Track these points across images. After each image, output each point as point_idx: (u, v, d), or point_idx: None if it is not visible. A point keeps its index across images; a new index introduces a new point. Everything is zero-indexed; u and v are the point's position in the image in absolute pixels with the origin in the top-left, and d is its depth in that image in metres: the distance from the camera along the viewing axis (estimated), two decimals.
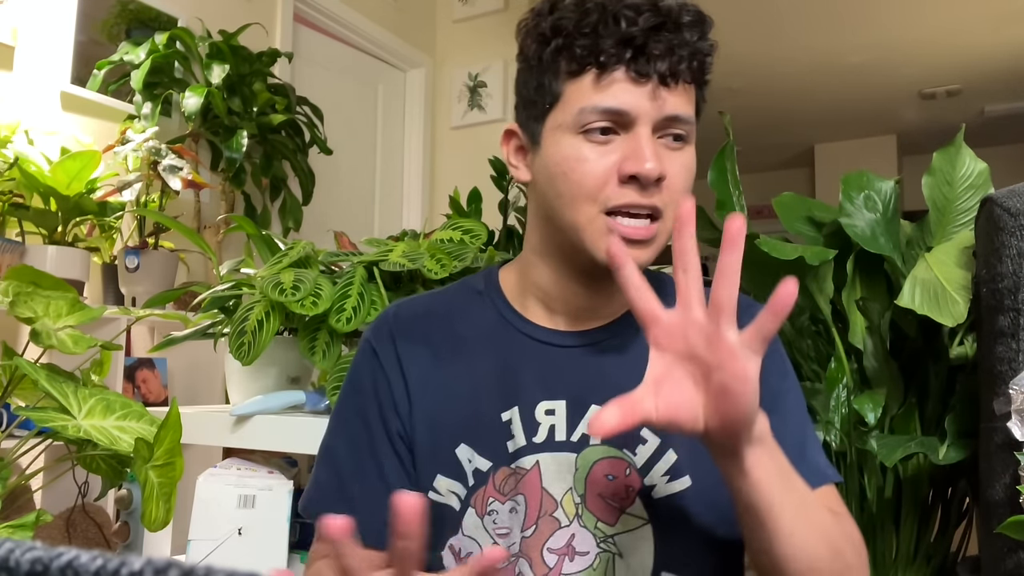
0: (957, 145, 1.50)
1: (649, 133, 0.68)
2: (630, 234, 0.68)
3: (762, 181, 7.00)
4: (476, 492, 0.75)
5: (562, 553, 0.74)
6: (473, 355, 0.78)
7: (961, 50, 4.92)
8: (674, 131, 0.70)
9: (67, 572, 0.23)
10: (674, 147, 0.70)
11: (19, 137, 1.92)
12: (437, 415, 0.77)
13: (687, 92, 0.70)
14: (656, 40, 0.67)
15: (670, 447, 0.73)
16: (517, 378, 0.75)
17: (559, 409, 0.74)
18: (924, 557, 1.46)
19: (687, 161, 0.71)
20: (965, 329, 1.37)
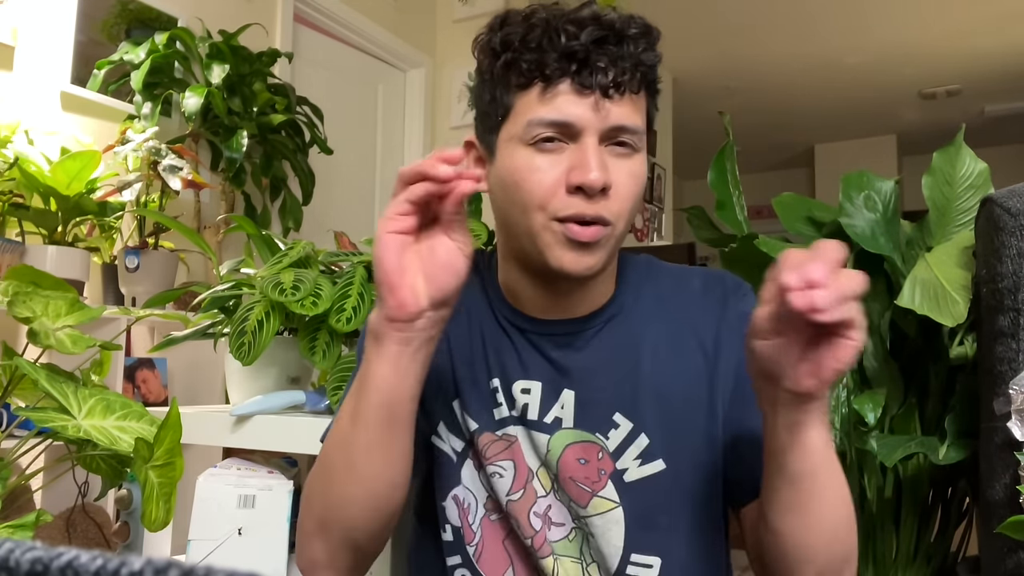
0: (957, 145, 1.50)
1: (596, 143, 0.70)
2: (579, 236, 0.70)
3: (762, 181, 6.99)
4: (471, 447, 0.80)
5: (545, 520, 0.78)
6: (470, 323, 0.83)
7: (961, 50, 4.92)
8: (620, 140, 0.72)
9: (67, 572, 0.23)
10: (621, 155, 0.72)
11: (19, 137, 1.92)
12: (442, 368, 0.81)
13: (634, 102, 0.72)
14: (599, 53, 0.69)
15: (643, 431, 0.76)
16: (500, 354, 0.80)
17: (535, 389, 0.78)
18: (924, 557, 1.46)
19: (635, 169, 0.72)
20: (965, 329, 1.37)
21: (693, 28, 4.62)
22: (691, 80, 5.41)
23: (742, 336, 0.72)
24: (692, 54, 5.03)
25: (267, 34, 2.78)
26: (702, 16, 4.47)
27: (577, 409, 0.77)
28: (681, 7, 4.30)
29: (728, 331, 0.77)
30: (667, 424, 0.76)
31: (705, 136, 4.76)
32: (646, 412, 0.76)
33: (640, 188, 0.73)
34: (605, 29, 0.70)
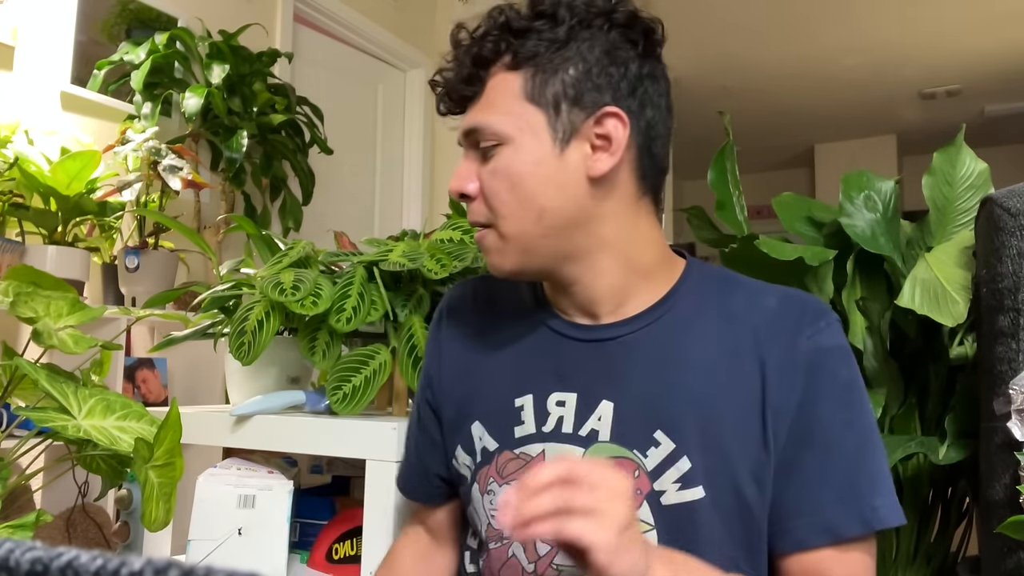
0: (957, 145, 1.50)
1: (468, 153, 0.75)
2: (476, 241, 0.76)
3: (762, 181, 6.99)
4: (481, 470, 0.79)
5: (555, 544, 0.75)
6: (504, 337, 0.82)
7: (961, 50, 4.92)
8: (480, 143, 0.74)
9: (67, 572, 0.23)
10: (487, 156, 0.73)
11: (19, 137, 1.92)
12: (463, 390, 0.82)
13: (482, 98, 0.74)
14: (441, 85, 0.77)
15: (684, 454, 0.71)
16: (536, 366, 0.78)
17: (570, 401, 0.76)
18: (924, 557, 1.46)
19: (498, 166, 0.72)
20: (965, 329, 1.37)
21: (693, 28, 4.62)
22: (691, 80, 5.40)
23: (810, 371, 0.70)
24: (692, 54, 5.03)
25: (267, 34, 2.78)
26: (702, 16, 4.47)
27: (616, 422, 0.73)
28: (681, 7, 4.30)
29: (792, 364, 0.71)
30: (712, 449, 0.70)
31: (705, 136, 4.75)
32: (690, 433, 0.71)
33: (513, 179, 0.71)
34: (456, 52, 0.76)
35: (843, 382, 0.72)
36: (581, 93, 0.71)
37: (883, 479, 0.71)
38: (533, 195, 0.71)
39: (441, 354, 0.87)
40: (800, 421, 0.70)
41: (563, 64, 0.71)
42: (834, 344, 0.72)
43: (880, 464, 0.71)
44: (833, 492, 0.68)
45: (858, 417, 0.72)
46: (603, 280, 0.75)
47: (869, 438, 0.71)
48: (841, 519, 0.68)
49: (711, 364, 0.73)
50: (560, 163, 0.71)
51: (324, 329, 1.10)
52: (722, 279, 0.79)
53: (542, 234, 0.72)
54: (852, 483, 0.69)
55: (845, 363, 0.73)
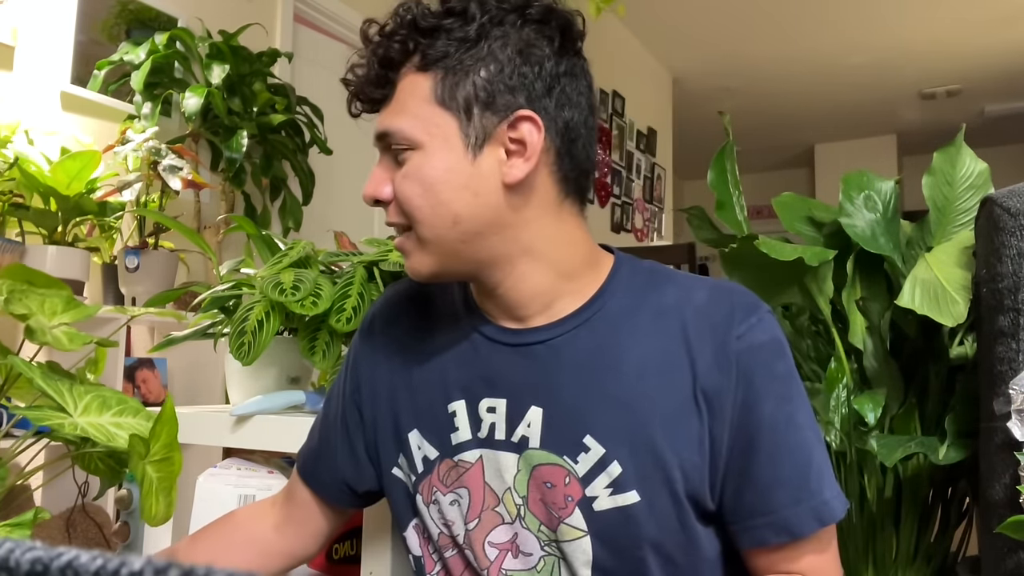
0: (957, 145, 1.50)
1: (381, 157, 0.73)
2: (396, 246, 0.75)
3: (762, 181, 7.00)
4: (423, 480, 0.78)
5: (504, 548, 0.75)
6: (436, 342, 0.80)
7: (961, 50, 4.92)
8: (393, 148, 0.71)
9: (67, 572, 0.23)
10: (399, 161, 0.71)
11: (19, 137, 1.92)
12: (398, 398, 0.80)
13: (393, 101, 0.72)
14: (353, 82, 0.74)
15: (615, 459, 0.69)
16: (466, 371, 0.77)
17: (500, 407, 0.74)
18: (924, 557, 1.46)
19: (408, 170, 0.70)
20: (965, 329, 1.37)
21: (693, 28, 4.62)
22: (691, 80, 5.41)
23: (746, 371, 0.69)
24: (692, 54, 5.03)
25: (267, 34, 2.78)
26: (702, 16, 4.48)
27: (544, 428, 0.72)
28: (681, 7, 4.30)
29: (726, 362, 0.69)
30: (643, 453, 0.69)
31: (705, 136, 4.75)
32: (620, 437, 0.69)
33: (424, 184, 0.69)
34: (360, 56, 0.73)
35: (780, 376, 0.71)
36: (493, 96, 0.68)
37: (827, 471, 0.71)
38: (446, 201, 0.68)
39: (375, 360, 0.83)
40: (744, 424, 0.69)
41: (474, 65, 0.68)
42: (767, 338, 0.71)
43: (823, 456, 0.72)
44: (786, 492, 0.69)
45: (798, 411, 0.71)
46: (526, 284, 0.73)
47: (811, 430, 0.72)
48: (796, 518, 0.68)
49: (640, 365, 0.71)
50: (473, 170, 0.68)
51: (324, 329, 1.10)
52: (652, 274, 0.77)
53: (459, 239, 0.70)
54: (803, 481, 0.69)
55: (780, 356, 0.72)
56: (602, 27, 4.38)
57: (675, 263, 3.02)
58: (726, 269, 1.53)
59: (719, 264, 1.58)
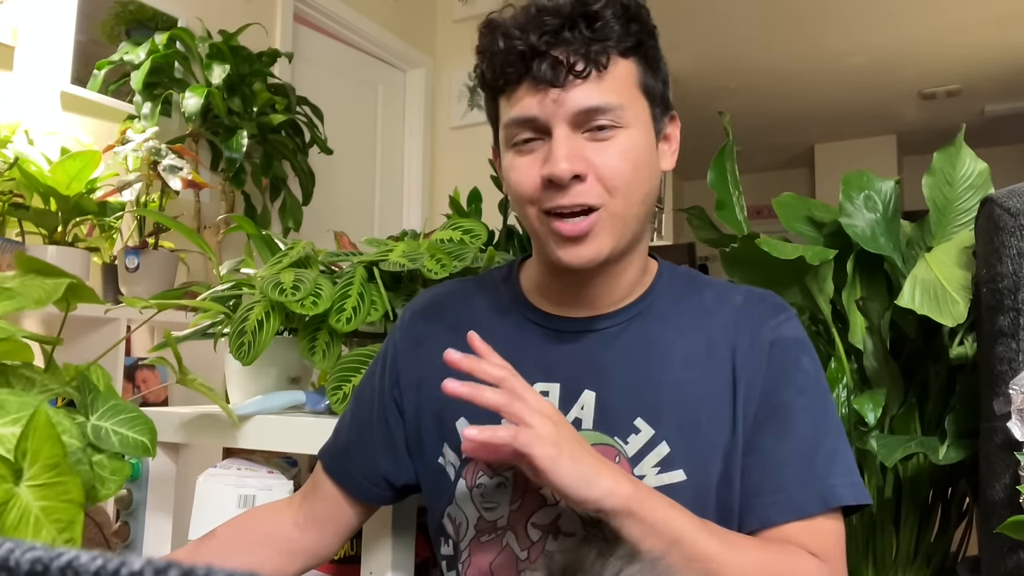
0: (957, 145, 1.50)
1: (568, 133, 0.70)
2: (566, 231, 0.71)
3: (762, 181, 7.00)
4: (468, 464, 0.80)
5: (547, 530, 0.76)
6: (485, 334, 0.81)
7: (961, 50, 4.92)
8: (596, 123, 0.71)
9: (67, 572, 0.23)
10: (602, 138, 0.71)
11: (19, 137, 1.92)
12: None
13: (604, 79, 0.70)
14: (548, 45, 0.70)
15: (663, 439, 0.74)
16: (518, 359, 0.77)
17: (553, 392, 0.78)
18: (924, 557, 1.46)
19: (623, 147, 0.71)
20: (965, 329, 1.37)
21: (693, 28, 4.62)
22: (691, 80, 5.41)
23: (773, 359, 0.75)
24: (692, 54, 5.03)
25: (267, 34, 2.78)
26: (702, 16, 4.47)
27: (597, 411, 0.76)
28: (681, 7, 4.30)
29: (758, 352, 0.75)
30: (690, 435, 0.74)
31: (705, 136, 4.75)
32: (669, 420, 0.74)
33: (634, 163, 0.72)
34: (546, 25, 0.70)
35: (804, 369, 0.76)
36: (667, 92, 0.76)
37: (841, 459, 0.74)
38: (645, 180, 0.73)
39: (418, 354, 0.85)
40: (764, 405, 0.74)
41: (659, 59, 0.75)
42: (795, 335, 0.78)
43: (838, 445, 0.74)
44: (792, 472, 0.71)
45: (816, 402, 0.75)
46: (627, 273, 0.79)
47: (827, 421, 0.75)
48: (801, 497, 0.71)
49: (688, 355, 0.76)
50: (656, 155, 0.75)
51: (324, 329, 1.10)
52: (691, 279, 0.84)
53: (639, 217, 0.74)
54: (810, 464, 0.72)
55: (806, 353, 0.77)
56: None
57: (675, 263, 3.02)
58: (726, 269, 1.53)
59: (719, 264, 1.58)
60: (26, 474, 0.55)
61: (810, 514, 0.70)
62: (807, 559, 0.69)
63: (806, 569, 0.68)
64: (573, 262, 0.73)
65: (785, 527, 0.71)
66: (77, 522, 0.55)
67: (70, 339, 1.86)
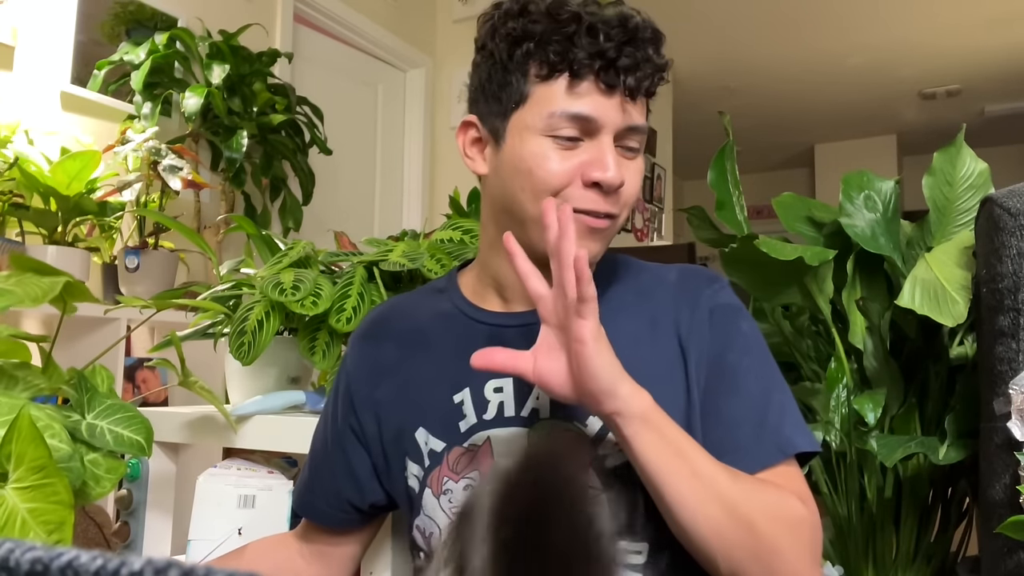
0: (957, 145, 1.50)
1: (611, 142, 0.73)
2: (594, 224, 0.75)
3: (762, 181, 7.00)
4: (431, 473, 0.80)
5: None
6: (431, 345, 0.84)
7: (961, 50, 4.92)
8: (631, 142, 0.75)
9: (67, 572, 0.23)
10: (629, 156, 0.76)
11: (19, 137, 1.92)
12: (400, 403, 0.83)
13: (643, 105, 0.76)
14: (626, 55, 0.72)
15: None
16: (468, 361, 0.78)
17: (507, 387, 0.78)
18: (924, 557, 1.46)
19: (640, 168, 0.77)
20: (965, 329, 1.37)
21: (693, 28, 4.62)
22: (691, 80, 5.41)
23: (715, 325, 0.78)
24: (692, 54, 5.03)
25: (267, 34, 2.78)
26: (702, 16, 4.47)
27: (553, 400, 0.75)
28: (681, 7, 4.30)
29: (700, 320, 0.78)
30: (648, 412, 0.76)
31: (705, 136, 4.75)
32: None
33: (639, 186, 0.77)
34: (630, 32, 0.72)
35: (744, 332, 0.79)
36: None
37: (789, 412, 0.77)
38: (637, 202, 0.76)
39: (368, 377, 0.86)
40: (713, 369, 0.77)
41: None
42: (730, 302, 0.82)
43: (784, 399, 0.78)
44: (748, 428, 0.74)
45: (760, 362, 0.79)
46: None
47: (772, 377, 0.78)
48: (761, 450, 0.73)
49: (634, 335, 0.77)
50: None
51: (324, 329, 1.10)
52: (626, 264, 0.86)
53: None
54: (763, 418, 0.75)
55: (744, 317, 0.81)
56: None
57: (675, 263, 3.02)
58: (726, 269, 1.53)
59: (719, 264, 1.58)
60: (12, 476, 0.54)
61: (771, 464, 0.73)
62: (790, 494, 0.71)
63: (791, 503, 0.70)
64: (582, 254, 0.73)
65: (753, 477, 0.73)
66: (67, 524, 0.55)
67: (70, 339, 1.86)
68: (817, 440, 0.78)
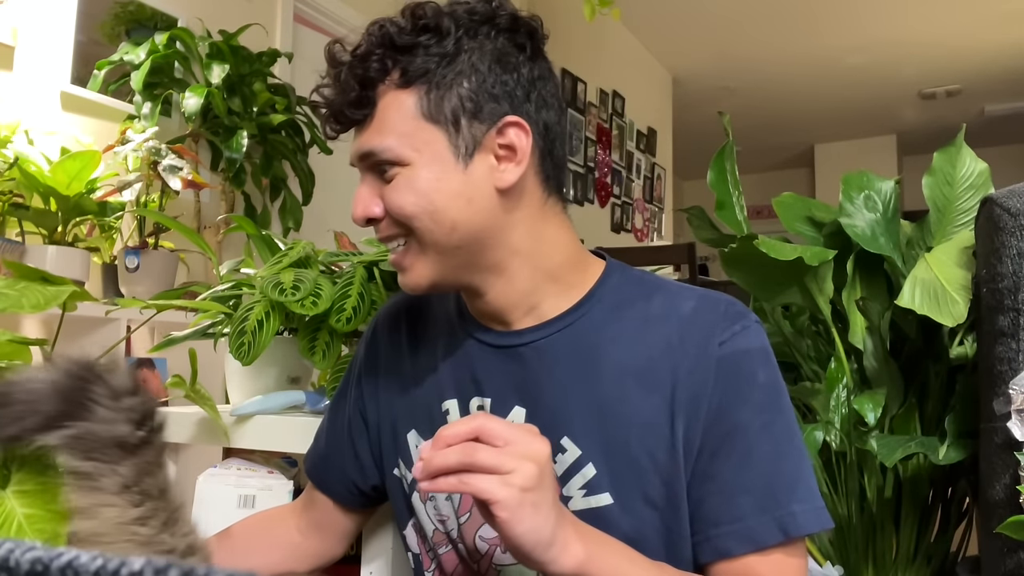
0: (957, 145, 1.50)
1: (366, 177, 0.73)
2: (392, 261, 0.75)
3: (762, 181, 7.00)
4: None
5: (493, 543, 0.76)
6: (432, 347, 0.83)
7: (961, 50, 4.92)
8: (378, 165, 0.71)
9: (67, 572, 0.23)
10: (388, 178, 0.71)
11: (19, 137, 1.92)
12: (397, 401, 0.83)
13: (376, 120, 0.71)
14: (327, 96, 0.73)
15: (589, 460, 0.71)
16: (457, 372, 0.79)
17: (486, 407, 0.76)
18: (924, 557, 1.46)
19: (399, 184, 0.70)
20: (965, 329, 1.37)
21: (693, 28, 4.62)
22: (691, 80, 5.41)
23: (725, 376, 0.69)
24: (692, 54, 5.04)
25: (267, 34, 2.78)
26: (702, 16, 4.48)
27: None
28: (681, 7, 4.30)
29: (704, 370, 0.69)
30: (616, 457, 0.70)
31: (705, 136, 4.75)
32: (594, 440, 0.70)
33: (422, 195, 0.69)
34: (335, 75, 0.73)
35: (761, 384, 0.70)
36: (480, 106, 0.70)
37: (802, 483, 0.69)
38: (442, 208, 0.69)
39: (378, 367, 0.86)
40: (717, 427, 0.69)
41: (456, 78, 0.70)
42: (751, 346, 0.71)
43: (799, 467, 0.70)
44: (752, 499, 0.67)
45: (776, 420, 0.70)
46: (513, 287, 0.74)
47: (788, 441, 0.70)
48: (760, 528, 0.67)
49: (621, 370, 0.71)
50: (465, 178, 0.70)
51: (324, 329, 1.10)
52: (643, 283, 0.77)
53: (456, 245, 0.71)
54: (770, 489, 0.68)
55: (764, 365, 0.71)
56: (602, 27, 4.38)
57: (675, 263, 3.02)
58: (726, 269, 1.53)
59: (719, 264, 1.58)
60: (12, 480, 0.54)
61: (769, 545, 0.67)
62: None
63: None
64: (404, 287, 0.75)
65: (744, 559, 0.67)
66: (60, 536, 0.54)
67: (70, 339, 1.86)
68: (828, 517, 0.69)
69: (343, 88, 0.71)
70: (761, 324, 0.74)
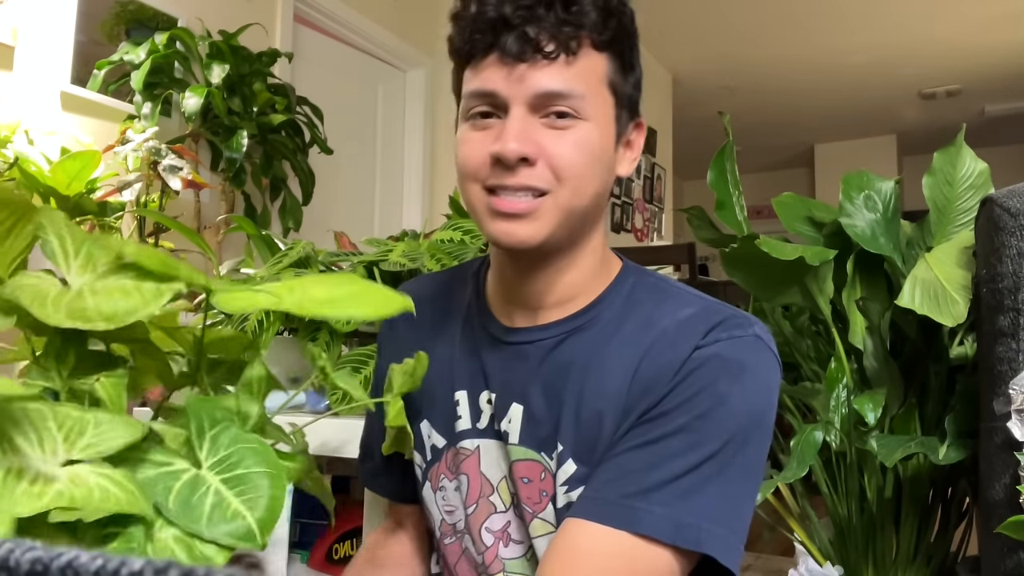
0: (958, 145, 1.50)
1: (523, 114, 0.66)
2: (504, 207, 0.67)
3: (762, 181, 7.01)
4: (432, 467, 0.81)
5: (498, 536, 0.77)
6: (447, 336, 0.82)
7: (961, 50, 4.92)
8: (555, 109, 0.66)
9: (67, 572, 0.23)
10: (559, 125, 0.67)
11: (19, 137, 1.92)
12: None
13: (574, 66, 0.66)
14: (521, 19, 0.65)
15: (570, 456, 0.71)
16: (469, 364, 0.79)
17: (493, 401, 0.77)
18: (924, 557, 1.46)
19: (578, 138, 0.67)
20: (965, 329, 1.37)
21: (693, 28, 4.62)
22: (691, 80, 5.41)
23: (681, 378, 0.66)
24: (692, 54, 5.03)
25: (267, 34, 2.78)
26: (702, 16, 4.47)
27: (524, 425, 0.74)
28: (681, 7, 4.30)
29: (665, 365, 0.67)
30: (588, 454, 0.70)
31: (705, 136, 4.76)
32: (575, 437, 0.71)
33: (588, 155, 0.68)
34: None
35: (717, 395, 0.65)
36: (637, 98, 0.73)
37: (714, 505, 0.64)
38: (596, 175, 0.69)
39: (394, 350, 0.85)
40: (647, 416, 0.66)
41: (635, 61, 0.72)
42: (726, 356, 0.66)
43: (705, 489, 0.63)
44: (626, 483, 0.64)
45: (712, 439, 0.64)
46: (570, 274, 0.74)
47: (713, 464, 0.64)
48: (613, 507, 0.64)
49: (612, 374, 0.70)
50: (613, 154, 0.72)
51: (324, 329, 1.10)
52: (655, 289, 0.75)
53: (585, 212, 0.70)
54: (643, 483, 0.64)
55: (732, 379, 0.65)
56: None
57: (675, 263, 3.02)
58: (726, 269, 1.53)
59: (719, 264, 1.58)
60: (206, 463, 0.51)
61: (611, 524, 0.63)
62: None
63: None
64: (508, 240, 0.68)
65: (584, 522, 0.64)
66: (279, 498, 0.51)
67: None
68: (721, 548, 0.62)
69: (547, 16, 0.65)
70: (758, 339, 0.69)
